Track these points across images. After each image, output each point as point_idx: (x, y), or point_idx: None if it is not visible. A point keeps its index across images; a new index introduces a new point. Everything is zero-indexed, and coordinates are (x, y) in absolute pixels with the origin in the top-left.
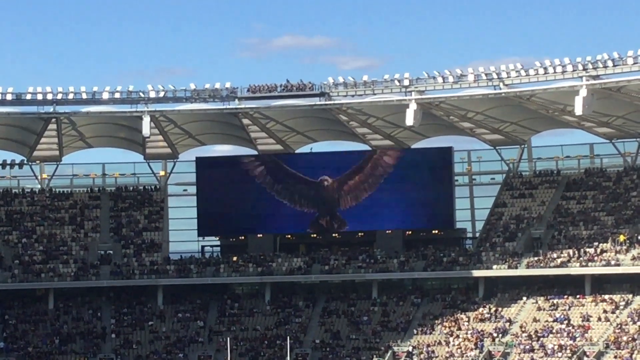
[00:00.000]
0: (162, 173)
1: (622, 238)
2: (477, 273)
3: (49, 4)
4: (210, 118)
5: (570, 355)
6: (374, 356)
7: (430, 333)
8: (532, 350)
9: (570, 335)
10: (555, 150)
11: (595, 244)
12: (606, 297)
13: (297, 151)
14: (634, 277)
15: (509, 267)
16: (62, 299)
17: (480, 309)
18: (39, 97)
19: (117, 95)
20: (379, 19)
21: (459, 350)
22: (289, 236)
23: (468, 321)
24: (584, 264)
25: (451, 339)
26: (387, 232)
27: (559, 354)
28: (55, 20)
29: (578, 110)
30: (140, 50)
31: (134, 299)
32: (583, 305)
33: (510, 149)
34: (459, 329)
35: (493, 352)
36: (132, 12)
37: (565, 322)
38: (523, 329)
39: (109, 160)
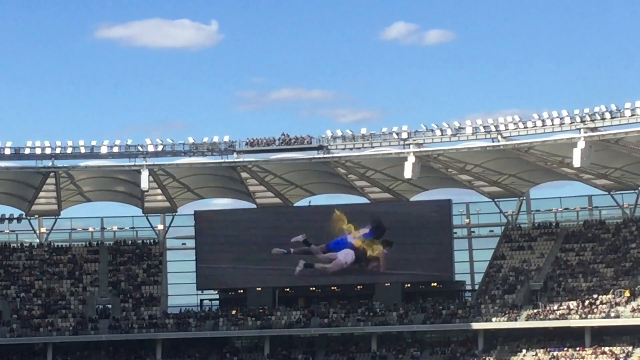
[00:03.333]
0: (160, 227)
1: (627, 294)
2: (476, 326)
3: (47, 57)
4: (208, 172)
5: None
6: None
7: None
8: None
9: None
10: (554, 202)
11: (595, 295)
12: (606, 349)
13: (295, 204)
14: (634, 329)
15: (509, 320)
16: (61, 353)
17: None
18: (38, 151)
19: (115, 149)
20: (378, 72)
21: None
22: (288, 289)
23: None
24: (583, 316)
25: None
26: (386, 284)
27: None
28: (54, 74)
29: (576, 162)
30: (139, 104)
31: (132, 353)
32: (583, 357)
33: (508, 201)
34: None
35: None
36: (130, 66)
37: None
38: None
39: (108, 214)
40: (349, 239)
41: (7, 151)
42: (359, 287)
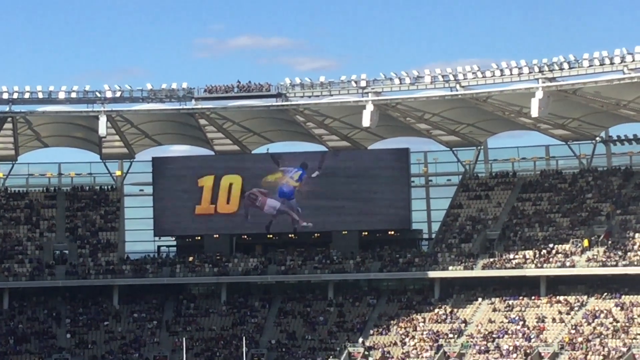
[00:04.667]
0: (118, 173)
1: (585, 243)
2: (432, 274)
3: (4, 1)
4: (166, 118)
5: (524, 356)
6: (330, 357)
7: (386, 334)
8: (487, 351)
9: (526, 336)
10: (511, 151)
11: (551, 245)
12: (561, 298)
13: (253, 152)
14: (589, 278)
15: (465, 268)
16: (17, 298)
17: (436, 310)
18: None
19: (73, 95)
20: (336, 20)
21: (414, 351)
22: (245, 237)
23: (424, 322)
24: (539, 265)
25: (407, 339)
26: (343, 232)
27: (514, 355)
28: (11, 19)
29: (534, 112)
30: (97, 50)
31: (89, 299)
32: (538, 306)
33: (466, 150)
34: (415, 329)
35: (448, 353)
36: (89, 11)
37: (521, 323)
38: (478, 330)
39: (65, 159)
40: (284, 187)
41: None
42: (316, 235)
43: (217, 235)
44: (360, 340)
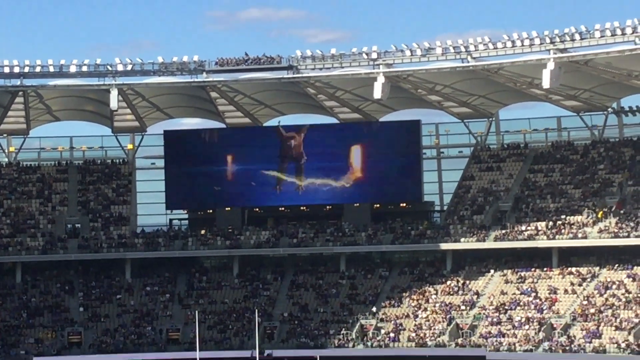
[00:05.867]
0: (130, 146)
1: (600, 215)
2: (445, 246)
3: None
4: (178, 91)
5: (537, 327)
6: (342, 329)
7: (398, 306)
8: (499, 322)
9: (538, 307)
10: (522, 123)
11: (563, 216)
12: (573, 269)
13: (265, 124)
14: (601, 249)
15: (477, 240)
16: (30, 272)
17: (448, 282)
18: (6, 70)
19: (84, 69)
20: None
21: (426, 323)
22: (257, 209)
23: (436, 294)
24: (551, 236)
25: (419, 311)
26: (355, 205)
27: (526, 327)
28: None
29: (546, 83)
30: (108, 23)
31: (102, 272)
32: (550, 277)
33: (478, 122)
34: (427, 301)
35: (461, 325)
36: None
37: (533, 294)
38: (490, 302)
39: (77, 133)
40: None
41: None
42: (328, 207)
43: (229, 208)
44: (373, 311)
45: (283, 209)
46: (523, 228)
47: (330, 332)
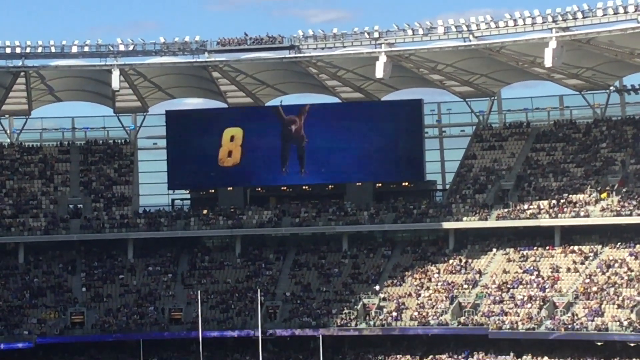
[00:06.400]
0: (131, 126)
1: (604, 196)
2: (447, 225)
3: None
4: (180, 71)
5: (539, 306)
6: (345, 308)
7: (401, 285)
8: (501, 301)
9: (540, 286)
10: (524, 102)
11: (565, 195)
12: (575, 248)
13: (267, 104)
14: (603, 227)
15: (479, 219)
16: (32, 252)
17: (451, 261)
18: (8, 50)
19: (86, 49)
20: None
21: (429, 302)
22: (259, 189)
23: (438, 273)
24: (553, 215)
25: (421, 290)
26: (357, 184)
27: (529, 305)
28: None
29: (548, 62)
30: (110, 3)
31: (104, 252)
32: (552, 256)
33: (480, 101)
34: (429, 280)
35: (463, 304)
36: None
37: (535, 273)
38: (493, 281)
39: (79, 114)
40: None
41: None
42: (330, 186)
43: (231, 188)
44: (376, 290)
45: (285, 188)
46: (525, 207)
47: (332, 311)
